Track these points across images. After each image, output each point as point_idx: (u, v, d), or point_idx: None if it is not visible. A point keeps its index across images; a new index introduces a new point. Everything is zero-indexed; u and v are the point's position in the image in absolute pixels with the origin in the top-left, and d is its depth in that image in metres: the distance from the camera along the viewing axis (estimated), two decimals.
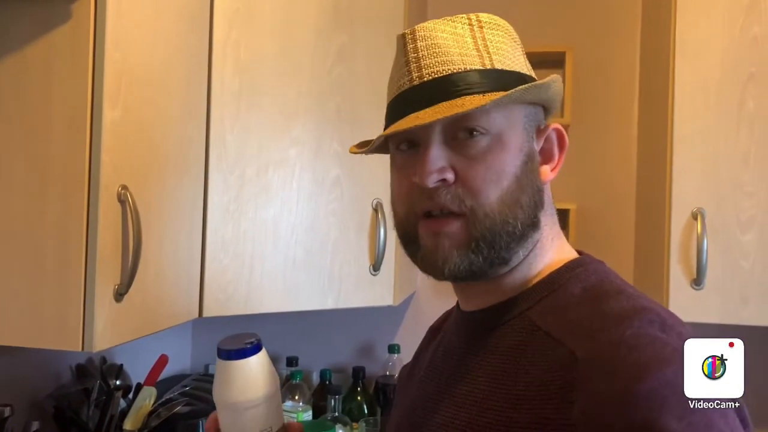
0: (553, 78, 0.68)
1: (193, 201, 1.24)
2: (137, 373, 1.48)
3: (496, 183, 0.65)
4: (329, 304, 1.45)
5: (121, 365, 1.45)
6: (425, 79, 0.66)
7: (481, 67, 0.66)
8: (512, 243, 0.66)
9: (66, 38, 0.92)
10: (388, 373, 1.76)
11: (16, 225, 0.92)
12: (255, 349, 0.73)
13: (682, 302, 1.37)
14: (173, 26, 1.12)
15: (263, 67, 1.35)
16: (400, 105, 0.68)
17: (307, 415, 1.67)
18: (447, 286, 0.74)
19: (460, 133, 0.66)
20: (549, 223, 0.72)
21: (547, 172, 0.72)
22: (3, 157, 0.93)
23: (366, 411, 1.74)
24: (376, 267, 1.49)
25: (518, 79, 0.67)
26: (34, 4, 0.92)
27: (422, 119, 0.63)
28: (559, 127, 0.73)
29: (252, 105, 1.34)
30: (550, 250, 0.71)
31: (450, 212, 0.66)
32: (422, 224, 0.68)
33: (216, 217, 1.29)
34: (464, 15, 0.70)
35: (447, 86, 0.65)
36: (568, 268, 0.70)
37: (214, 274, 1.28)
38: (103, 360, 1.47)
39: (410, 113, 0.65)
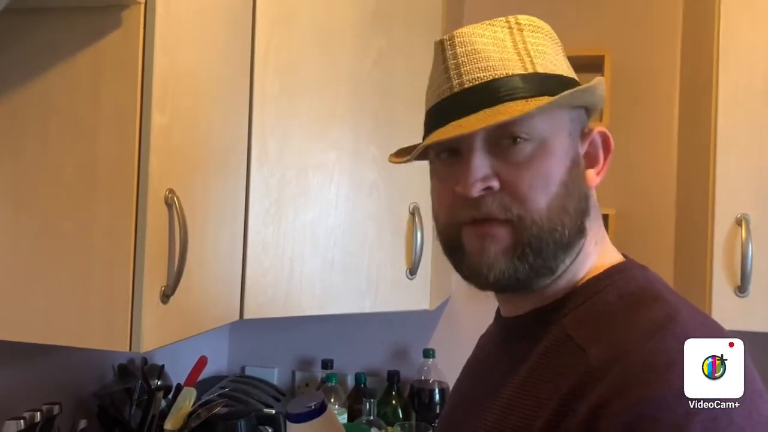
0: (599, 80, 0.66)
1: (235, 204, 1.25)
2: (176, 374, 1.51)
3: (543, 189, 0.64)
4: (366, 307, 1.45)
5: (162, 366, 1.47)
6: (466, 86, 0.64)
7: (523, 72, 0.64)
8: (559, 251, 0.65)
9: (116, 45, 0.93)
10: (423, 377, 1.76)
11: (66, 228, 0.94)
12: (320, 410, 0.81)
13: (726, 310, 1.35)
14: (217, 32, 1.14)
15: (303, 71, 1.36)
16: (440, 113, 0.66)
17: (342, 419, 1.67)
18: (482, 292, 0.72)
19: (504, 140, 0.65)
20: (594, 227, 0.70)
21: (592, 176, 0.70)
22: (55, 161, 0.95)
23: (401, 415, 1.73)
24: (412, 271, 1.49)
25: (561, 83, 0.66)
26: (86, 12, 0.94)
27: (464, 128, 0.62)
28: (604, 130, 0.71)
29: (292, 109, 1.35)
30: (593, 255, 0.70)
31: (496, 219, 0.64)
32: (467, 229, 0.66)
33: (257, 220, 1.30)
34: (503, 18, 0.68)
35: (489, 93, 0.63)
36: (608, 274, 0.68)
37: (255, 277, 1.30)
38: (144, 361, 1.50)
39: (451, 121, 0.64)
